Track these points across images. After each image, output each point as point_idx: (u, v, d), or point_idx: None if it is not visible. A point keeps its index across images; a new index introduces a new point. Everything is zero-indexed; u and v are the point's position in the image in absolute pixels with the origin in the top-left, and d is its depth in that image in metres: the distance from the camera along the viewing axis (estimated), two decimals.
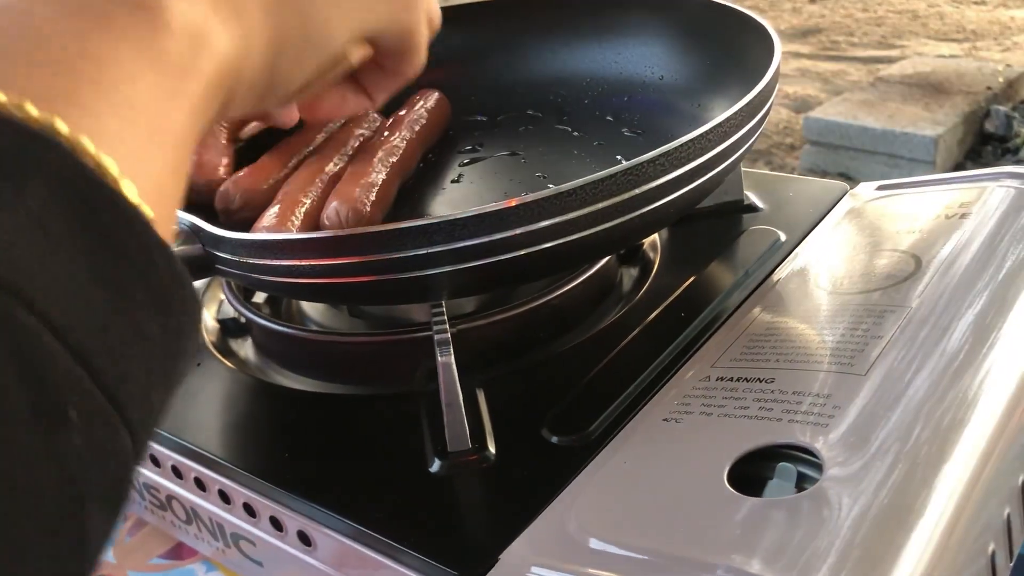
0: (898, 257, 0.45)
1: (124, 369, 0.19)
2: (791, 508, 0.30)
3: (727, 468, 0.32)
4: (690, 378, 0.40)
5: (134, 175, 0.20)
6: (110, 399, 0.18)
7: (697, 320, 0.45)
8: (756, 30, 0.50)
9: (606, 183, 0.36)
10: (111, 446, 0.18)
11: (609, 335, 0.45)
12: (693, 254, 0.51)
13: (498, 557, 0.32)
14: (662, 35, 0.59)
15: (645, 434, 0.37)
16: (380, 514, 0.36)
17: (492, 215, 0.35)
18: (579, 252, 0.39)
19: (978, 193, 0.49)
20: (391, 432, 0.41)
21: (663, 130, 0.54)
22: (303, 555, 0.39)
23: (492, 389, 0.41)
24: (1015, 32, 3.28)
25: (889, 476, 0.30)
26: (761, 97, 0.42)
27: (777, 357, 0.39)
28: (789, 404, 0.35)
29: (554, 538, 0.32)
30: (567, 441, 0.38)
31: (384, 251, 0.35)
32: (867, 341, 0.38)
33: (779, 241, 0.51)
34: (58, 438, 0.17)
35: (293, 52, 0.29)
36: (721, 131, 0.39)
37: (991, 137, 2.43)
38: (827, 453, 0.32)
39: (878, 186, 0.54)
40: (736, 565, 0.28)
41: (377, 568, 0.35)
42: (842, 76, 3.06)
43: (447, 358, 0.38)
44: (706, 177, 0.40)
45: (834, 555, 0.28)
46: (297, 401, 0.45)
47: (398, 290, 0.38)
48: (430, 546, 0.34)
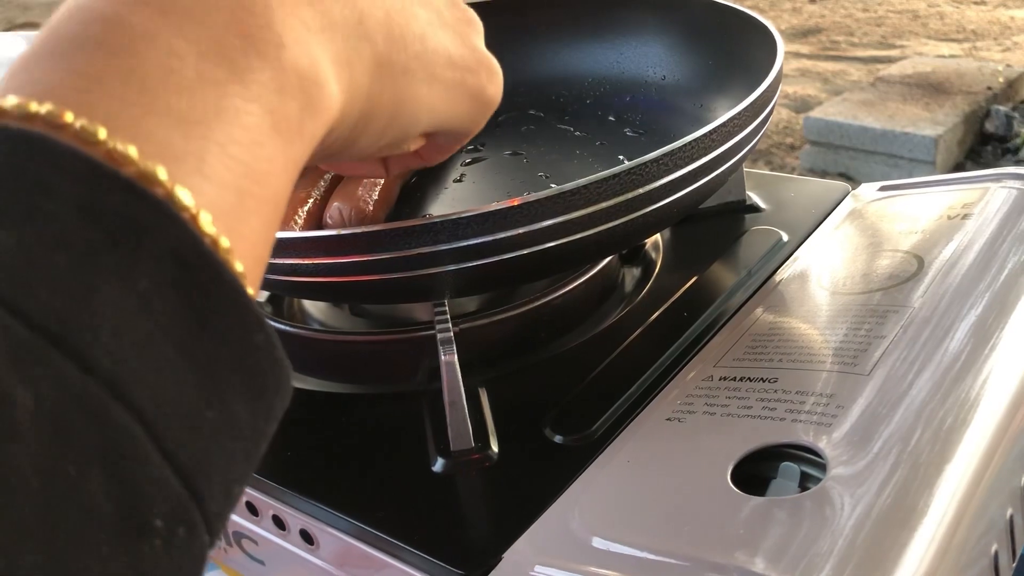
0: (900, 257, 0.45)
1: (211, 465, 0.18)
2: (794, 507, 0.30)
3: (731, 467, 0.33)
4: (693, 378, 0.40)
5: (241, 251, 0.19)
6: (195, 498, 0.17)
7: (700, 320, 0.45)
8: (758, 30, 0.50)
9: (609, 183, 0.36)
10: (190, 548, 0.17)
11: (612, 334, 0.45)
12: (695, 254, 0.51)
13: (501, 556, 0.32)
14: (664, 35, 0.59)
15: (648, 433, 0.37)
16: (383, 513, 0.36)
17: (495, 214, 0.35)
18: (582, 252, 0.39)
19: (980, 194, 0.49)
20: (394, 431, 0.41)
21: (665, 130, 0.55)
22: (306, 554, 0.39)
23: (495, 388, 0.41)
24: (1015, 32, 3.28)
25: (892, 476, 0.30)
26: (764, 97, 0.42)
27: (780, 357, 0.39)
28: (792, 404, 0.35)
29: (557, 537, 0.32)
30: (570, 440, 0.38)
31: (387, 250, 0.35)
32: (870, 341, 0.38)
33: (781, 241, 0.51)
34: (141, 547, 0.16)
35: (376, 126, 0.28)
36: (724, 131, 0.39)
37: (991, 137, 2.43)
38: (830, 453, 0.32)
39: (880, 187, 0.54)
40: (739, 564, 0.28)
41: (380, 567, 0.35)
42: (842, 76, 3.06)
43: (450, 357, 0.38)
44: (709, 177, 0.40)
45: (837, 554, 0.28)
46: (299, 400, 0.44)
47: (401, 289, 0.38)
48: (433, 545, 0.34)
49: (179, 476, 0.17)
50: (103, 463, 0.16)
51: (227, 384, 0.18)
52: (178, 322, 0.17)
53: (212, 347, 0.18)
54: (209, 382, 0.18)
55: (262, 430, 0.20)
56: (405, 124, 0.29)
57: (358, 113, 0.26)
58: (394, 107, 0.28)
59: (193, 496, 0.17)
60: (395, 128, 0.29)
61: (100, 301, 0.16)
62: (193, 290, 0.18)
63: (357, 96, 0.26)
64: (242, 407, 0.19)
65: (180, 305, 0.17)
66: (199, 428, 0.17)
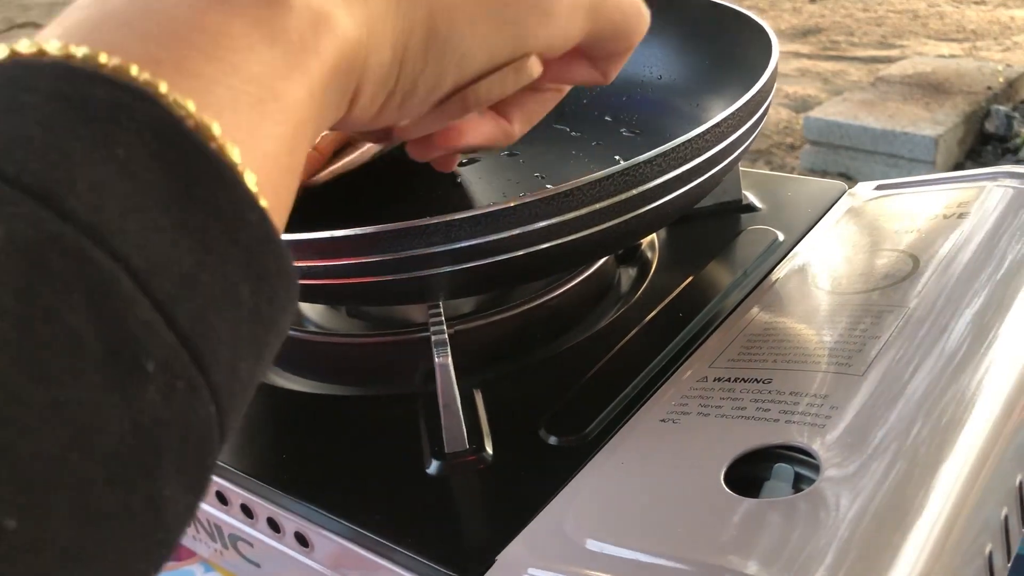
0: (896, 257, 0.44)
1: (209, 327, 0.18)
2: (788, 509, 0.30)
3: (724, 469, 0.32)
4: (688, 378, 0.40)
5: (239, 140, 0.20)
6: (193, 356, 0.17)
7: (695, 320, 0.45)
8: (754, 30, 0.50)
9: (604, 183, 0.36)
10: (192, 407, 0.17)
11: (607, 335, 0.45)
12: (691, 254, 0.51)
13: (495, 558, 0.32)
14: (660, 35, 0.59)
15: (642, 435, 0.37)
16: (377, 515, 0.36)
17: (490, 216, 0.35)
18: (577, 252, 0.38)
19: (976, 193, 0.49)
20: (388, 433, 0.41)
21: (661, 130, 0.54)
22: (301, 556, 0.39)
23: (489, 390, 0.41)
24: (1015, 32, 3.28)
25: (886, 477, 0.30)
26: (759, 97, 0.42)
27: (775, 357, 0.39)
28: (786, 405, 0.35)
29: (551, 539, 0.32)
30: (564, 442, 0.38)
31: (382, 252, 0.35)
32: (865, 341, 0.38)
33: (777, 241, 0.51)
34: (133, 388, 0.16)
35: (419, 47, 0.27)
36: (719, 131, 0.39)
37: (991, 137, 2.43)
38: (824, 454, 0.32)
39: (876, 186, 0.54)
40: (733, 566, 0.28)
41: (374, 569, 0.35)
42: (842, 76, 3.06)
43: (444, 359, 0.38)
44: (704, 177, 0.40)
45: (831, 556, 0.28)
46: (294, 402, 0.45)
47: (396, 291, 0.38)
48: (427, 547, 0.34)
49: (172, 328, 0.17)
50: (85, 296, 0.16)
51: (221, 253, 0.18)
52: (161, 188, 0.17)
53: (201, 216, 0.18)
54: (200, 247, 0.18)
55: (267, 314, 0.20)
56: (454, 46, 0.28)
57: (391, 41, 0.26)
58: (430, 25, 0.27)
59: (191, 355, 0.17)
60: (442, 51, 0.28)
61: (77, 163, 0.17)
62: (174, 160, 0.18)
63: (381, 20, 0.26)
64: (241, 282, 0.19)
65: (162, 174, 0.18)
66: (193, 287, 0.17)
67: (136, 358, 0.16)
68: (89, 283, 0.16)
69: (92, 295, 0.16)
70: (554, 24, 0.31)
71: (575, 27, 0.32)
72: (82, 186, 0.16)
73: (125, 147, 0.17)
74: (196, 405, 0.17)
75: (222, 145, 0.19)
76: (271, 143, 0.21)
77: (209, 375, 0.18)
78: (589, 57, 0.35)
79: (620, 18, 0.34)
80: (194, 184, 0.18)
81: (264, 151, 0.21)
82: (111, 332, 0.16)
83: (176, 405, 0.17)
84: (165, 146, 0.18)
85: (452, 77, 0.29)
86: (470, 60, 0.29)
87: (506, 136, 0.36)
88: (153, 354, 0.16)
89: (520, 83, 0.32)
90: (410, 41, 0.27)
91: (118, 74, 0.18)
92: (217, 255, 0.18)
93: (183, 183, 0.18)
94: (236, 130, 0.20)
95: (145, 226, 0.17)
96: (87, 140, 0.17)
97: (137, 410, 0.16)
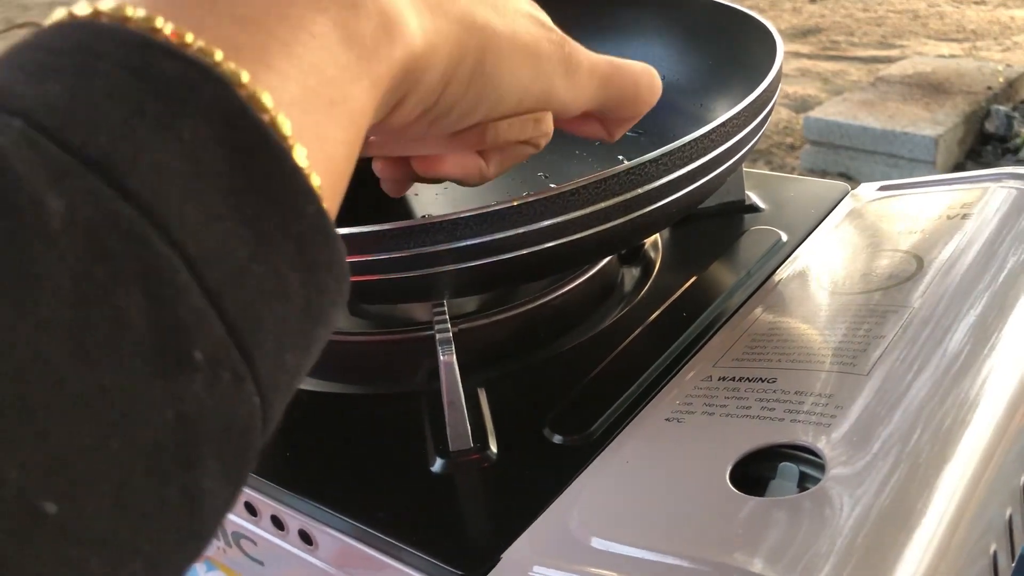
0: (900, 257, 0.45)
1: (258, 318, 0.18)
2: (793, 508, 0.30)
3: (729, 467, 0.32)
4: (692, 378, 0.40)
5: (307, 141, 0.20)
6: (240, 347, 0.17)
7: (699, 320, 0.45)
8: (758, 30, 0.50)
9: (608, 182, 0.36)
10: (236, 398, 0.17)
11: (611, 335, 0.45)
12: (694, 254, 0.51)
13: (500, 556, 0.32)
14: (664, 35, 0.59)
15: (647, 434, 0.37)
16: (382, 513, 0.36)
17: (494, 214, 0.35)
18: (581, 251, 0.39)
19: (979, 194, 0.49)
20: (393, 431, 0.41)
21: (665, 130, 0.54)
22: (304, 554, 0.39)
23: (493, 388, 0.41)
24: (1015, 32, 3.28)
25: (891, 476, 0.30)
26: (764, 97, 0.42)
27: (779, 357, 0.39)
28: (791, 404, 0.35)
29: (556, 537, 0.32)
30: (569, 440, 0.38)
31: (386, 250, 0.35)
32: (869, 341, 0.38)
33: (780, 241, 0.51)
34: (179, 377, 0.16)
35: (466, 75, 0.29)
36: (724, 131, 0.39)
37: (991, 137, 2.43)
38: (829, 453, 0.32)
39: (879, 186, 0.54)
40: (738, 564, 0.28)
41: (379, 567, 0.35)
42: (842, 76, 3.06)
43: (449, 357, 0.38)
44: (708, 177, 0.40)
45: (836, 555, 0.28)
46: (298, 400, 0.44)
47: (400, 289, 0.38)
48: (432, 545, 0.34)
49: (222, 318, 0.17)
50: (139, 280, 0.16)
51: (275, 244, 0.18)
52: (223, 175, 0.17)
53: (259, 206, 0.18)
54: (255, 237, 0.18)
55: (317, 306, 0.19)
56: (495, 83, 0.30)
57: (445, 60, 0.27)
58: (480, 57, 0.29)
59: (238, 346, 0.17)
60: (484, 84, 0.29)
61: (142, 141, 0.16)
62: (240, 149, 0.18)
63: (442, 39, 0.26)
64: (292, 273, 0.18)
65: (225, 161, 0.17)
66: (244, 278, 0.17)
67: (184, 347, 0.16)
68: (144, 267, 0.16)
69: (146, 280, 0.16)
70: (573, 87, 0.33)
71: (590, 92, 0.34)
72: (145, 165, 0.16)
73: (191, 128, 0.17)
74: (241, 397, 0.17)
75: (292, 145, 0.19)
76: (334, 147, 0.21)
77: (255, 366, 0.17)
78: (599, 117, 0.37)
79: (633, 90, 0.36)
80: (257, 175, 0.18)
81: (327, 154, 0.21)
82: (161, 319, 0.16)
83: (220, 396, 0.17)
84: (232, 133, 0.18)
85: (483, 112, 0.31)
86: (503, 101, 0.31)
87: (480, 175, 0.36)
88: (201, 344, 0.16)
89: (534, 134, 0.34)
90: (460, 67, 0.28)
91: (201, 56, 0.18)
92: (271, 246, 0.18)
93: (246, 173, 0.18)
94: (304, 131, 0.20)
95: (204, 213, 0.17)
96: (153, 117, 0.17)
97: (181, 400, 0.16)
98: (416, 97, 0.27)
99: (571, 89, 0.33)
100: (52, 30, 0.18)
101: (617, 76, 0.35)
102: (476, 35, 0.28)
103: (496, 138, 0.33)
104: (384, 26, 0.23)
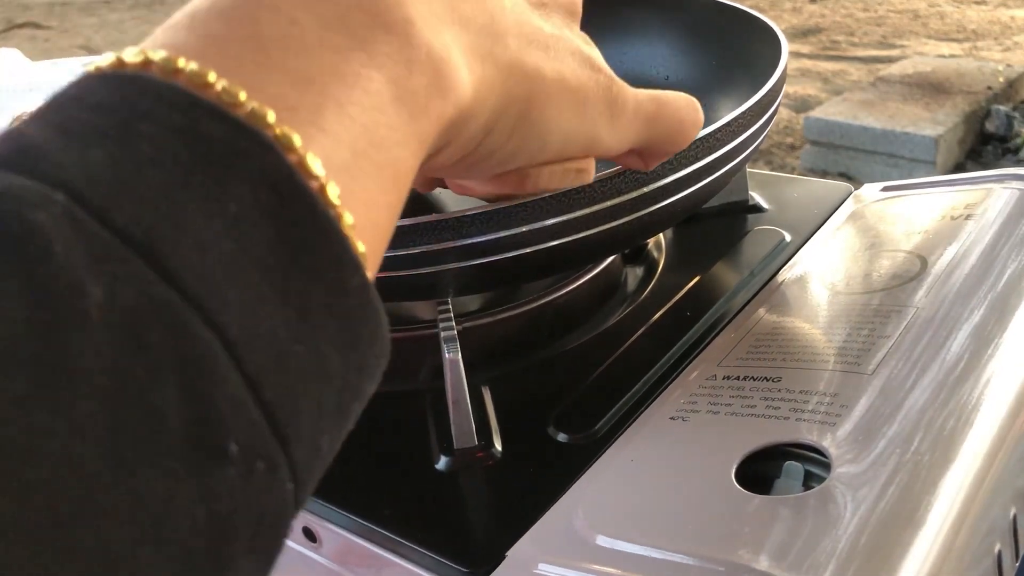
0: (903, 258, 0.45)
1: (296, 403, 0.17)
2: (798, 506, 0.30)
3: (735, 466, 0.33)
4: (696, 377, 0.40)
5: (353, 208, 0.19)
6: (277, 435, 0.16)
7: (703, 319, 0.45)
8: (762, 30, 0.50)
9: (613, 182, 0.36)
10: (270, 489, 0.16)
11: (614, 334, 0.45)
12: (698, 254, 0.51)
13: (505, 554, 0.32)
14: (667, 35, 0.59)
15: (652, 432, 0.37)
16: (386, 510, 0.36)
17: (500, 212, 0.35)
18: (585, 250, 0.39)
19: (983, 195, 0.49)
20: (397, 429, 0.41)
21: None
22: (308, 551, 0.39)
23: (498, 387, 0.42)
24: (1015, 32, 3.28)
25: (896, 474, 0.30)
26: (768, 97, 0.42)
27: (783, 356, 0.39)
28: (796, 403, 0.35)
29: (561, 535, 0.32)
30: (573, 439, 0.38)
31: (391, 247, 0.35)
32: (873, 341, 0.38)
33: (784, 241, 0.51)
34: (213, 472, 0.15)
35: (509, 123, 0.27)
36: (728, 131, 0.39)
37: (992, 137, 2.43)
38: (834, 451, 0.32)
39: (883, 187, 0.54)
40: (743, 562, 0.28)
41: (383, 565, 0.36)
42: (842, 76, 3.07)
43: (454, 355, 0.38)
44: (713, 177, 0.40)
45: (841, 553, 0.28)
46: None
47: (405, 287, 0.38)
48: (437, 542, 0.34)
49: (260, 406, 0.16)
50: (176, 373, 0.15)
51: (318, 323, 0.17)
52: (268, 251, 0.17)
53: (303, 282, 0.17)
54: (297, 316, 0.17)
55: (355, 384, 0.19)
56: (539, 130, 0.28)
57: (490, 110, 0.26)
58: (525, 107, 0.27)
59: (275, 433, 0.16)
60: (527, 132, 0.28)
61: (187, 217, 0.16)
62: (287, 221, 0.17)
63: (488, 89, 0.25)
64: (333, 353, 0.18)
65: (271, 234, 0.17)
66: (285, 362, 0.17)
67: (219, 441, 0.15)
68: (183, 358, 0.15)
69: (185, 372, 0.15)
70: (618, 131, 0.32)
71: (634, 134, 0.33)
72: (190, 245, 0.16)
73: (237, 199, 0.16)
74: (275, 486, 0.17)
75: (340, 213, 0.18)
76: (378, 212, 0.20)
77: (291, 452, 0.17)
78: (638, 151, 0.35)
79: (677, 127, 0.34)
80: (303, 250, 0.17)
81: (372, 220, 0.20)
82: (197, 412, 0.15)
83: (254, 488, 0.16)
84: (280, 204, 0.17)
85: (524, 159, 0.30)
86: (546, 147, 0.30)
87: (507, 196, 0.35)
88: (236, 435, 0.16)
89: (576, 183, 0.34)
90: (503, 116, 0.27)
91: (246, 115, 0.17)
92: (314, 325, 0.17)
93: (291, 247, 0.17)
94: (351, 197, 0.19)
95: (247, 293, 0.16)
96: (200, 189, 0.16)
97: (215, 498, 0.15)
98: (457, 145, 0.26)
99: (616, 133, 0.32)
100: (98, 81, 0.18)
101: (662, 115, 0.33)
102: (524, 84, 0.27)
103: (536, 186, 0.33)
104: (436, 81, 0.22)
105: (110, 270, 0.15)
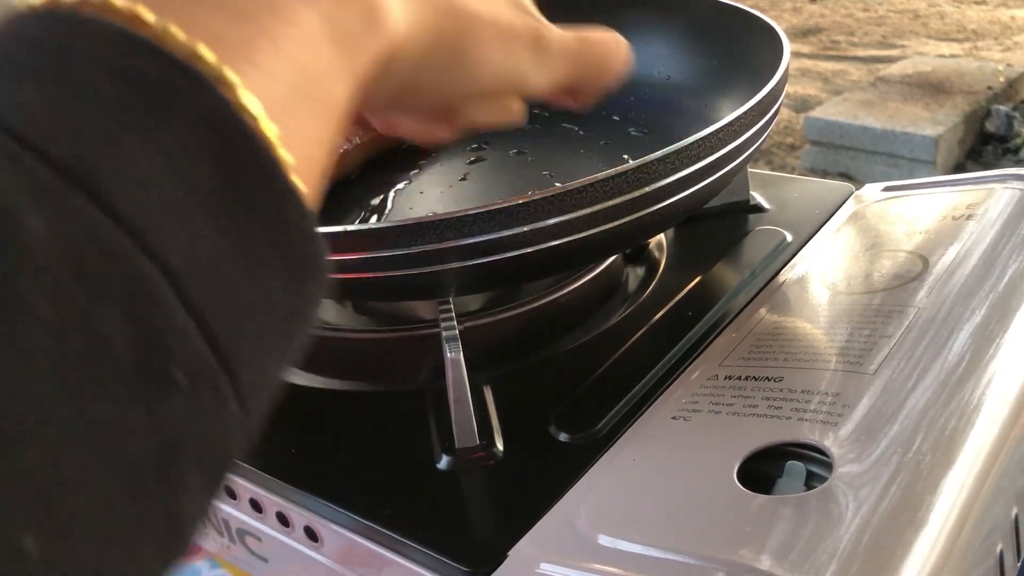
0: (904, 257, 0.45)
1: (241, 331, 0.17)
2: (800, 506, 0.30)
3: (736, 466, 0.33)
4: (698, 377, 0.40)
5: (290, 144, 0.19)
6: (222, 363, 0.17)
7: (704, 319, 0.45)
8: (764, 30, 0.50)
9: (614, 181, 0.36)
10: (217, 415, 0.17)
11: (616, 334, 0.45)
12: (699, 254, 0.51)
13: (507, 553, 0.32)
14: (669, 35, 0.59)
15: (654, 432, 0.37)
16: (388, 510, 0.36)
17: (501, 212, 0.35)
18: (586, 250, 0.39)
19: (984, 195, 0.49)
20: (398, 428, 0.41)
21: (670, 130, 0.55)
22: (310, 551, 0.39)
23: (499, 386, 0.42)
24: (1016, 32, 3.28)
25: (898, 474, 0.30)
26: (770, 97, 0.42)
27: (785, 356, 0.39)
28: (798, 403, 0.35)
29: (563, 534, 0.32)
30: (575, 438, 0.38)
31: (392, 247, 0.36)
32: (875, 340, 0.38)
33: (785, 241, 0.51)
34: (160, 402, 0.15)
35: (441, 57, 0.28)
36: (731, 130, 0.39)
37: (992, 137, 2.43)
38: (836, 451, 0.32)
39: (884, 187, 0.54)
40: (745, 562, 0.28)
41: (384, 564, 0.36)
42: (842, 76, 3.07)
43: (456, 354, 0.38)
44: (714, 177, 0.40)
45: (843, 553, 0.28)
46: (303, 398, 0.45)
47: (406, 286, 0.38)
48: (438, 542, 0.34)
49: (204, 334, 0.16)
50: (119, 301, 0.15)
51: (259, 253, 0.18)
52: (208, 187, 0.17)
53: (243, 216, 0.17)
54: (239, 247, 0.17)
55: (298, 312, 0.19)
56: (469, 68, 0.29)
57: (423, 46, 0.26)
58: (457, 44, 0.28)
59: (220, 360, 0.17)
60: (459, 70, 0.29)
61: (125, 153, 0.16)
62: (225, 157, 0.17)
63: (421, 26, 0.26)
64: (275, 281, 0.18)
65: (211, 170, 0.17)
66: (228, 291, 0.17)
67: (166, 369, 0.16)
68: (126, 287, 0.15)
69: (128, 301, 0.15)
70: (545, 69, 0.33)
71: (560, 72, 0.33)
72: (129, 180, 0.16)
73: (175, 137, 0.17)
74: (222, 412, 0.17)
75: (276, 148, 0.18)
76: (314, 147, 0.21)
77: (236, 379, 0.17)
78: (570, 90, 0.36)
79: (603, 64, 0.36)
80: (242, 184, 0.17)
81: (309, 155, 0.20)
82: (143, 341, 0.15)
83: (202, 414, 0.16)
84: (218, 142, 0.17)
85: (455, 95, 0.30)
86: (476, 84, 0.30)
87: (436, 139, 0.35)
88: (182, 363, 0.16)
89: (504, 119, 0.34)
90: (435, 53, 0.27)
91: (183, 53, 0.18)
92: (255, 256, 0.18)
93: (231, 182, 0.17)
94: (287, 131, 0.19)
95: (188, 226, 0.16)
96: (137, 127, 0.16)
97: (163, 423, 0.16)
98: (387, 82, 0.26)
99: (543, 71, 0.32)
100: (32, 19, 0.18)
101: (587, 51, 0.35)
102: (456, 21, 0.28)
103: (465, 123, 0.33)
104: (369, 18, 0.23)
105: (50, 204, 0.15)
